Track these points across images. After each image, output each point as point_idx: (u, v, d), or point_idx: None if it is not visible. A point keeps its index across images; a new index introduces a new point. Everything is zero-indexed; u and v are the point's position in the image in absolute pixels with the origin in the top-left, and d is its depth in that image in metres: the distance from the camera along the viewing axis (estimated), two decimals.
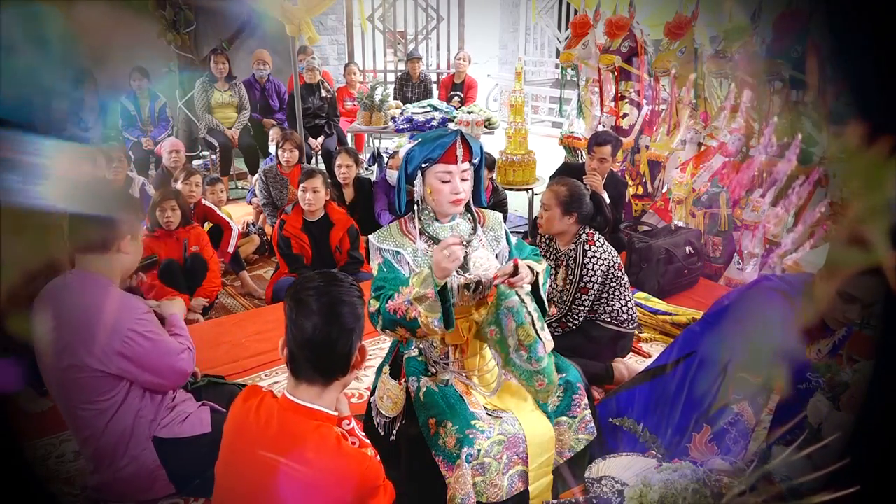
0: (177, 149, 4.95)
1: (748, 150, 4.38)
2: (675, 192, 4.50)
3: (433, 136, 2.05)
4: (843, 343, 2.17)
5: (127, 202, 2.10)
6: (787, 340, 2.13)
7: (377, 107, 5.95)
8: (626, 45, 4.95)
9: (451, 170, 1.99)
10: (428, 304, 1.82)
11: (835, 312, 2.06)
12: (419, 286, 1.84)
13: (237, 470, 1.48)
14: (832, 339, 2.16)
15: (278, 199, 4.87)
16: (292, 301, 1.45)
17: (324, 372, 1.47)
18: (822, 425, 1.75)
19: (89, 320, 1.87)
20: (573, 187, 2.87)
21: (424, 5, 8.19)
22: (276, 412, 1.46)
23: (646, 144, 5.15)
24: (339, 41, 8.11)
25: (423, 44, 8.36)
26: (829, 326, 2.13)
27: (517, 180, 5.14)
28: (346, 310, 1.46)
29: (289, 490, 1.36)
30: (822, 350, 2.15)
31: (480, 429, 1.93)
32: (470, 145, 2.01)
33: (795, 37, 3.78)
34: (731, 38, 4.24)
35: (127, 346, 1.88)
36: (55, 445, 2.59)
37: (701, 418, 2.22)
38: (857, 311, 2.00)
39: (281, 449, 1.40)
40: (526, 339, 1.97)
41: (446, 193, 2.01)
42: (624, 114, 5.28)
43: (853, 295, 2.00)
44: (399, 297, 1.89)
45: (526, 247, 2.27)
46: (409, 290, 1.86)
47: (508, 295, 1.96)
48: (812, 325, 2.13)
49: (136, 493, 2.05)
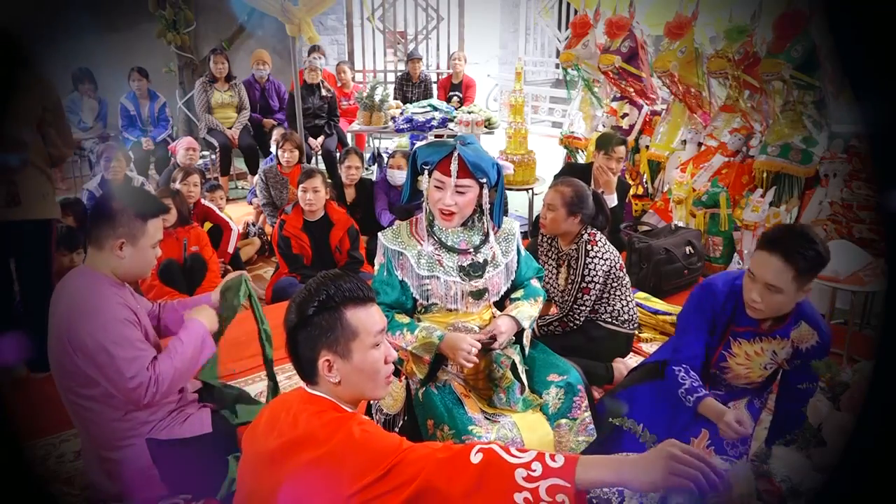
0: (193, 147, 5.00)
1: (748, 150, 4.39)
2: (675, 192, 4.50)
3: (437, 143, 2.08)
4: (793, 346, 2.06)
5: (136, 206, 2.01)
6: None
7: (377, 107, 5.95)
8: (627, 45, 4.95)
9: (445, 181, 2.00)
10: (421, 366, 1.97)
11: (745, 297, 2.00)
12: (421, 347, 1.96)
13: (254, 468, 1.45)
14: (771, 339, 2.07)
15: (278, 199, 4.87)
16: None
17: (301, 373, 1.43)
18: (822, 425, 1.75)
19: (71, 316, 1.87)
20: (578, 188, 2.87)
21: (424, 5, 8.19)
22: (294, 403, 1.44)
23: (646, 144, 5.15)
24: (339, 41, 8.11)
25: (423, 44, 8.36)
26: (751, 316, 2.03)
27: (517, 180, 5.14)
28: (290, 307, 1.40)
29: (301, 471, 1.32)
30: (779, 353, 2.08)
31: (477, 434, 1.93)
32: (469, 164, 1.97)
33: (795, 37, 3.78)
34: (731, 38, 4.24)
35: (88, 351, 1.84)
36: (55, 445, 2.60)
37: (697, 419, 2.22)
38: (759, 290, 1.91)
39: (291, 432, 1.35)
40: (503, 381, 2.09)
41: (435, 201, 2.03)
42: (624, 114, 5.28)
43: (752, 271, 1.95)
44: (399, 338, 1.98)
45: (532, 264, 2.28)
46: (411, 340, 1.96)
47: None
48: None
49: (132, 491, 2.05)
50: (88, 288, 1.92)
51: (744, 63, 4.16)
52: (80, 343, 1.84)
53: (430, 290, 2.07)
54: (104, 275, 1.96)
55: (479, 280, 2.08)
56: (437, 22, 8.28)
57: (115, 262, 1.96)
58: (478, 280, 2.08)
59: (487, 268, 2.10)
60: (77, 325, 1.85)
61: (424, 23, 8.28)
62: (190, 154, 4.93)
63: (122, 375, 1.82)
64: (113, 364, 1.82)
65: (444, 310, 2.11)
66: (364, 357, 1.38)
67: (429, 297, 2.09)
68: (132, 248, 1.95)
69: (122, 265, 1.96)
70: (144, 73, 5.98)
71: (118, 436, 1.97)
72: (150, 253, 2.00)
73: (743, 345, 2.07)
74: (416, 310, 2.15)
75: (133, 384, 1.83)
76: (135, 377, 1.83)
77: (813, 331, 2.00)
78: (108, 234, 1.93)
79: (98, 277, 1.95)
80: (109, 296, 1.92)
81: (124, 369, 1.82)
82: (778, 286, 1.86)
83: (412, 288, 2.08)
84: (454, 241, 2.08)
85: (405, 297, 2.10)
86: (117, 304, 1.92)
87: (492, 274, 2.11)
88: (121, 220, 1.93)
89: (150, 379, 1.85)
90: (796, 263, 1.84)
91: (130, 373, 1.83)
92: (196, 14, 7.15)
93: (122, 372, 1.82)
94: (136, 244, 1.96)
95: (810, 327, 2.00)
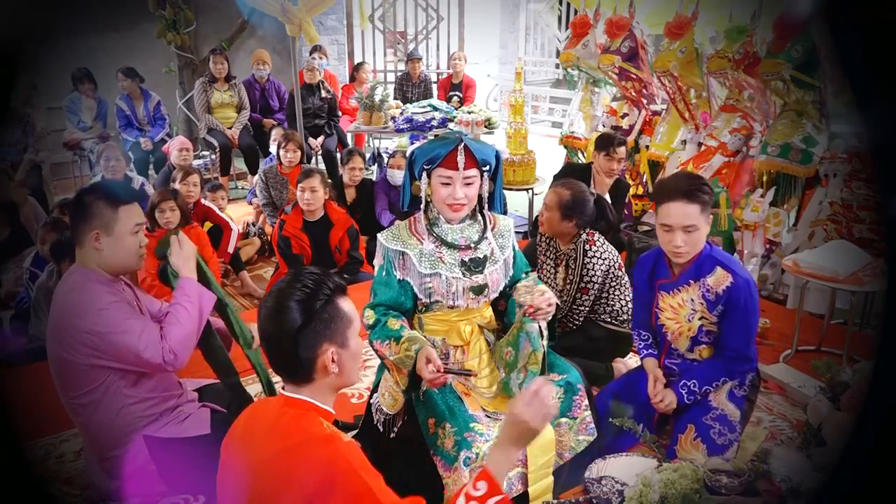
0: (186, 147, 4.96)
1: (748, 150, 4.39)
2: None
3: (438, 139, 2.07)
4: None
5: (106, 196, 2.00)
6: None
7: (377, 107, 5.94)
8: (627, 45, 4.95)
9: (452, 175, 2.01)
10: (401, 376, 1.97)
11: (667, 249, 2.25)
12: (398, 360, 1.96)
13: (235, 469, 1.47)
14: (686, 287, 2.27)
15: (278, 199, 4.87)
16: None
17: (282, 372, 1.43)
18: (822, 425, 1.75)
19: (61, 313, 1.91)
20: (577, 192, 2.86)
21: (424, 5, 8.19)
22: (272, 407, 1.45)
23: (646, 144, 5.15)
24: (339, 41, 8.11)
25: (423, 44, 8.36)
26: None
27: (517, 180, 5.14)
28: (290, 308, 1.36)
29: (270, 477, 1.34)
30: (695, 300, 2.25)
31: (479, 431, 1.93)
32: (475, 154, 2.01)
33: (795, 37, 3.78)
34: (731, 38, 4.24)
35: (89, 342, 1.87)
36: (55, 445, 2.60)
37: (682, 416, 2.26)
38: (679, 236, 2.15)
39: (271, 436, 1.38)
40: (532, 365, 2.08)
41: (444, 197, 2.03)
42: (624, 114, 5.28)
43: (665, 224, 2.21)
44: (385, 348, 1.99)
45: (522, 261, 2.30)
46: (395, 351, 1.97)
47: (530, 321, 2.07)
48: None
49: (131, 490, 2.05)
50: (79, 285, 1.94)
51: (744, 63, 4.16)
52: (81, 338, 1.85)
53: (432, 288, 2.08)
54: (92, 270, 1.98)
55: (480, 275, 2.10)
56: (437, 22, 8.28)
57: (96, 255, 1.97)
58: (478, 275, 2.10)
59: (487, 263, 2.12)
60: (75, 321, 1.87)
61: (424, 23, 8.28)
62: (183, 154, 4.88)
63: (129, 347, 1.87)
64: (115, 342, 1.86)
65: (445, 307, 2.11)
66: (357, 342, 1.45)
67: (431, 296, 2.09)
68: (108, 238, 1.96)
69: (103, 257, 1.97)
70: (130, 73, 5.91)
71: (117, 432, 1.98)
72: (129, 240, 1.99)
73: (666, 298, 2.30)
74: (418, 309, 2.16)
75: (150, 355, 1.88)
76: (147, 348, 1.88)
77: (727, 273, 2.17)
78: (84, 229, 1.95)
79: (86, 273, 1.97)
80: (99, 288, 1.94)
81: (134, 346, 1.87)
82: (694, 224, 2.13)
83: (415, 287, 2.09)
84: (454, 238, 2.09)
85: (405, 297, 2.10)
86: (107, 293, 1.94)
87: (492, 270, 2.13)
88: (92, 211, 1.95)
89: (165, 349, 1.90)
90: (700, 200, 2.12)
91: (143, 346, 1.88)
92: (196, 14, 7.14)
93: (136, 350, 1.87)
94: (111, 233, 1.96)
95: (724, 270, 2.18)
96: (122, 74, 5.90)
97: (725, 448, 2.15)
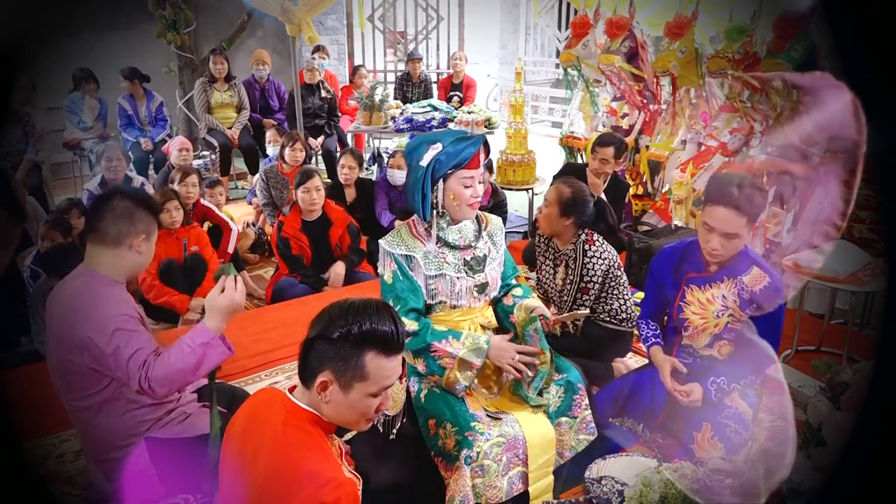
0: (186, 147, 4.95)
1: (748, 151, 4.38)
2: (675, 192, 4.50)
3: (456, 141, 2.01)
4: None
5: (147, 202, 2.05)
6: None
7: (377, 107, 5.94)
8: (627, 45, 4.95)
9: (474, 175, 2.03)
10: (466, 372, 1.99)
11: (705, 248, 2.24)
12: (471, 352, 1.99)
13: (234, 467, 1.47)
14: (719, 283, 2.27)
15: (278, 199, 4.87)
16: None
17: (300, 375, 1.42)
18: (822, 425, 1.75)
19: (67, 316, 1.89)
20: (578, 192, 2.85)
21: (424, 5, 8.19)
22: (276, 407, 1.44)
23: (646, 144, 5.14)
24: (339, 41, 8.11)
25: (423, 44, 8.36)
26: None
27: (517, 180, 5.14)
28: (330, 320, 1.36)
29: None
30: (727, 296, 2.25)
31: (480, 431, 1.93)
32: (488, 147, 2.07)
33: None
34: (731, 38, 4.24)
35: (93, 347, 1.85)
36: (55, 445, 2.59)
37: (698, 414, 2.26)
38: (717, 239, 2.14)
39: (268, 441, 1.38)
40: (542, 365, 2.11)
41: (468, 198, 2.05)
42: (624, 114, 5.28)
43: (707, 224, 2.20)
44: (446, 345, 2.00)
45: (512, 262, 2.33)
46: (458, 347, 1.99)
47: (536, 319, 2.13)
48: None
49: (131, 492, 2.05)
50: (89, 287, 1.93)
51: (744, 63, 4.16)
52: (82, 341, 1.85)
53: (437, 290, 2.09)
54: (103, 274, 1.96)
55: (481, 274, 2.13)
56: (437, 22, 8.28)
57: (128, 258, 1.97)
58: (480, 274, 2.12)
59: (487, 261, 2.15)
60: (79, 323, 1.85)
61: (424, 23, 8.28)
62: (183, 154, 4.87)
63: (124, 369, 1.84)
64: (116, 354, 1.84)
65: (447, 308, 2.12)
66: (360, 399, 1.37)
67: (435, 297, 2.10)
68: (147, 244, 2.00)
69: (135, 261, 1.99)
70: (130, 74, 5.90)
71: (117, 436, 1.97)
72: (154, 247, 2.06)
73: (695, 292, 2.28)
74: None
75: (130, 376, 1.83)
76: (132, 368, 1.83)
77: (764, 274, 2.20)
78: (128, 232, 1.95)
79: (97, 276, 1.96)
80: (110, 293, 1.94)
81: (124, 362, 1.84)
82: (735, 233, 2.09)
83: (421, 288, 2.10)
84: (454, 239, 2.11)
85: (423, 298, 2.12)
86: (116, 301, 1.94)
87: (491, 268, 2.16)
88: (140, 216, 1.97)
89: (142, 377, 1.83)
90: (748, 212, 2.07)
91: (129, 364, 1.83)
92: (196, 14, 7.15)
93: (124, 366, 1.84)
94: (150, 239, 2.01)
95: (761, 271, 2.20)
96: (127, 74, 5.90)
97: (742, 446, 2.15)
